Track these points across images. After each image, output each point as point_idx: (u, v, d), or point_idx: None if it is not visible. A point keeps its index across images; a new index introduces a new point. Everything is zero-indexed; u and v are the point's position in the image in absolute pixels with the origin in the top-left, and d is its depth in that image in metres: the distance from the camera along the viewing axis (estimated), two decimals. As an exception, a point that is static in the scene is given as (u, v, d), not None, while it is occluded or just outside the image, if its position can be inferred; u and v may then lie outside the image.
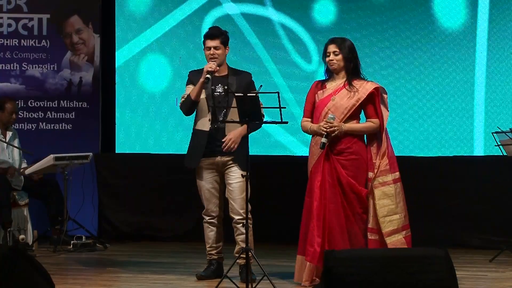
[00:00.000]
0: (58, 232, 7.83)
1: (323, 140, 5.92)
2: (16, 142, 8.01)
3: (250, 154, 6.00)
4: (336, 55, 6.03)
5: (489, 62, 8.24)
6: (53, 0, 8.67)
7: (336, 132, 5.93)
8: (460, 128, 8.28)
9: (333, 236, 5.93)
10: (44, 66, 8.63)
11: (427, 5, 8.30)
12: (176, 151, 8.45)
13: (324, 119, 5.96)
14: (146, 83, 8.63)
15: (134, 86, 8.65)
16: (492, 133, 7.38)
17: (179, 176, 8.22)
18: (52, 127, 8.62)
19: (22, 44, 8.63)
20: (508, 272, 6.84)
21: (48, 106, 8.62)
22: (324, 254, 3.76)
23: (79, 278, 6.55)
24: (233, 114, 6.08)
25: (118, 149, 8.69)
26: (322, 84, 6.14)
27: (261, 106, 6.00)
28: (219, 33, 6.30)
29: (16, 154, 7.99)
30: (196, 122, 6.36)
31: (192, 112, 6.35)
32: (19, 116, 8.41)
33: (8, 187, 7.70)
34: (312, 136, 6.10)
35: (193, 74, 6.43)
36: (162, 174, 8.52)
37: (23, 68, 8.64)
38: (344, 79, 6.06)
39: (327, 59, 6.06)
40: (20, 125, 8.51)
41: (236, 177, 6.22)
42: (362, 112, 6.13)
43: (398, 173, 6.02)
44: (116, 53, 8.66)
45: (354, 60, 6.06)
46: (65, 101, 8.63)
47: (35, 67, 8.63)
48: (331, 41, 6.10)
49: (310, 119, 6.14)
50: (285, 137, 8.42)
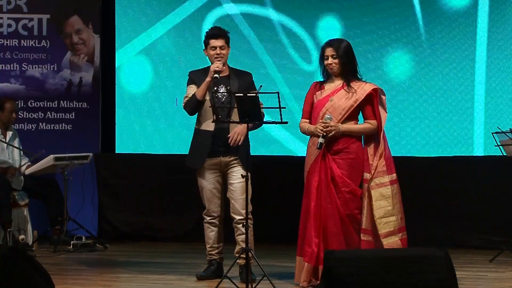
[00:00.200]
0: (58, 232, 7.83)
1: (320, 140, 5.92)
2: (16, 142, 8.01)
3: (250, 154, 6.00)
4: (334, 58, 6.02)
5: (489, 61, 8.24)
6: (53, 0, 8.66)
7: (333, 133, 5.92)
8: (460, 128, 8.28)
9: (329, 237, 5.92)
10: (44, 67, 8.62)
11: (427, 1, 8.30)
12: (176, 151, 8.44)
13: (321, 120, 5.97)
14: (146, 83, 8.63)
15: (134, 86, 8.65)
16: (492, 133, 7.37)
17: (179, 176, 8.23)
18: (52, 127, 8.61)
19: (22, 45, 8.63)
20: (508, 272, 6.83)
21: (48, 106, 8.62)
22: (324, 254, 3.76)
23: (79, 278, 6.55)
24: (236, 114, 6.06)
25: (118, 149, 8.69)
26: (320, 85, 6.13)
27: (261, 106, 6.01)
28: (224, 32, 6.30)
29: (16, 154, 7.99)
30: (199, 122, 6.34)
31: (196, 112, 6.34)
32: (19, 116, 8.42)
33: (8, 187, 7.70)
34: (310, 137, 6.11)
35: (194, 74, 6.42)
36: (162, 174, 8.52)
37: (23, 68, 8.63)
38: (343, 80, 6.05)
39: (325, 63, 6.05)
40: (20, 125, 8.51)
41: (238, 177, 6.20)
42: (361, 113, 6.13)
43: (395, 174, 6.01)
44: (116, 53, 8.66)
45: (351, 61, 6.05)
46: (65, 101, 8.62)
47: (35, 67, 8.62)
48: (328, 44, 6.08)
49: (308, 120, 6.13)
50: (285, 136, 8.42)
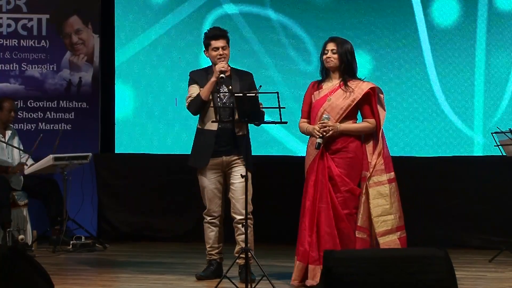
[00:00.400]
0: (57, 232, 7.83)
1: (318, 140, 5.92)
2: (15, 142, 8.01)
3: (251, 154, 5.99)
4: (334, 53, 6.01)
5: (488, 61, 8.24)
6: (52, 1, 8.66)
7: (330, 132, 5.92)
8: (460, 128, 8.28)
9: (321, 237, 5.91)
10: (44, 66, 8.62)
11: (426, 5, 8.30)
12: (175, 151, 8.45)
13: (320, 120, 5.96)
14: (146, 83, 8.63)
15: (133, 86, 8.65)
16: (491, 133, 7.37)
17: (178, 176, 8.23)
18: (51, 127, 8.61)
19: (22, 44, 8.63)
20: (508, 272, 6.83)
21: (48, 106, 8.62)
22: (324, 254, 3.75)
23: (78, 278, 6.54)
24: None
25: (118, 149, 8.69)
26: (318, 85, 6.13)
27: (261, 106, 6.01)
28: (224, 32, 6.30)
29: (16, 154, 7.99)
30: (203, 122, 6.32)
31: (200, 112, 6.32)
32: (19, 116, 8.42)
33: (7, 187, 7.70)
34: (309, 137, 6.10)
35: (195, 74, 6.41)
36: (162, 174, 8.52)
37: (22, 68, 8.63)
38: (340, 79, 6.05)
39: (324, 57, 6.04)
40: (20, 125, 8.50)
41: (239, 177, 6.16)
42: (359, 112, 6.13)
43: (393, 173, 6.01)
44: (116, 53, 8.65)
45: (351, 62, 6.03)
46: (64, 101, 8.62)
47: (35, 67, 8.62)
48: (331, 39, 6.08)
49: (307, 120, 6.13)
50: (285, 136, 8.42)
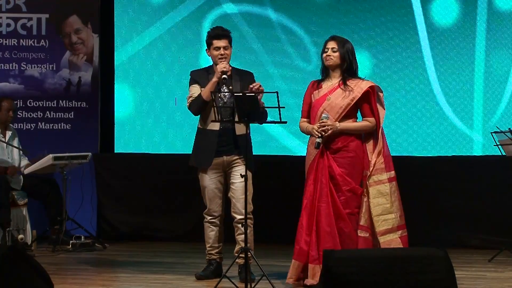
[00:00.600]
0: (57, 232, 7.82)
1: (318, 140, 5.91)
2: (15, 142, 8.00)
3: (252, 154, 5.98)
4: (334, 51, 6.00)
5: (488, 61, 8.24)
6: (52, 0, 8.66)
7: (329, 131, 5.91)
8: (459, 128, 8.28)
9: (322, 236, 5.90)
10: (43, 66, 8.62)
11: (425, 5, 8.30)
12: (175, 151, 8.45)
13: (319, 119, 5.96)
14: (145, 83, 8.63)
15: (133, 86, 8.65)
16: (491, 133, 7.37)
17: (178, 176, 8.22)
18: (51, 127, 8.61)
19: (21, 44, 8.62)
20: (507, 272, 6.83)
21: (47, 106, 8.62)
22: (324, 254, 3.76)
23: (78, 278, 6.54)
24: None
25: (117, 149, 8.69)
26: (318, 84, 6.12)
27: (263, 106, 6.00)
28: (227, 32, 6.29)
29: (16, 154, 7.99)
30: (204, 121, 6.31)
31: (201, 112, 6.30)
32: (18, 115, 8.41)
33: (7, 187, 7.69)
34: (309, 136, 6.10)
35: (195, 74, 6.40)
36: (161, 174, 8.51)
37: (22, 68, 8.63)
38: (339, 78, 6.05)
39: (324, 55, 6.03)
40: (19, 125, 8.50)
41: (239, 177, 6.16)
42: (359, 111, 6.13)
43: (393, 172, 6.00)
44: (115, 53, 8.65)
45: (351, 62, 6.02)
46: (64, 101, 8.62)
47: (34, 67, 8.62)
48: (332, 38, 6.07)
49: (307, 120, 6.13)
50: (285, 136, 8.42)
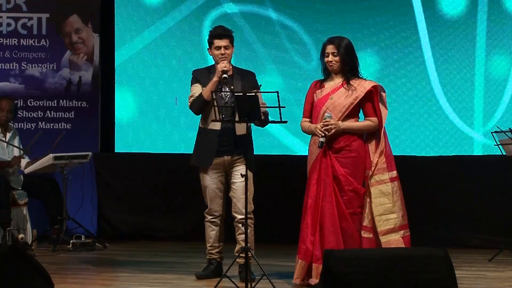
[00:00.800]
0: (57, 231, 7.82)
1: (321, 139, 5.91)
2: (16, 141, 8.00)
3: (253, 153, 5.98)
4: (334, 55, 6.02)
5: (488, 61, 8.24)
6: (52, 0, 8.66)
7: (333, 131, 5.92)
8: (460, 128, 8.28)
9: (326, 235, 5.91)
10: (44, 66, 8.62)
11: (426, 4, 8.30)
12: (175, 151, 8.45)
13: (322, 119, 5.96)
14: (146, 82, 8.63)
15: (133, 85, 8.65)
16: (491, 132, 7.37)
17: (179, 176, 8.22)
18: (51, 127, 8.61)
19: (22, 44, 8.62)
20: (508, 271, 6.83)
21: (48, 105, 8.62)
22: (324, 253, 3.76)
23: (78, 277, 6.54)
24: None
25: (118, 148, 8.69)
26: (320, 84, 6.13)
27: (264, 105, 6.00)
28: (228, 32, 6.28)
29: (16, 153, 7.99)
30: (205, 121, 6.31)
31: (202, 112, 6.30)
32: (19, 115, 8.41)
33: (7, 186, 7.69)
34: (311, 136, 6.10)
35: (197, 73, 6.39)
36: (162, 173, 8.51)
37: (22, 67, 8.63)
38: (342, 78, 6.05)
39: (326, 60, 6.04)
40: (20, 124, 8.50)
41: (240, 176, 6.17)
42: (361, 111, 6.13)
43: (395, 171, 6.01)
44: (116, 52, 8.65)
45: (352, 59, 6.04)
46: (64, 100, 8.62)
47: (35, 66, 8.62)
48: (329, 41, 6.07)
49: (309, 119, 6.13)
50: (285, 136, 8.42)
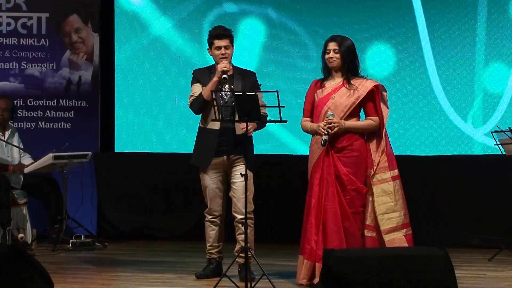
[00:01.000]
0: (57, 231, 7.82)
1: (324, 137, 5.91)
2: (15, 140, 8.00)
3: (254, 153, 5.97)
4: (336, 52, 6.01)
5: (488, 60, 8.24)
6: (52, -1, 8.67)
7: (336, 129, 5.91)
8: (459, 127, 8.28)
9: (328, 235, 5.90)
10: (43, 65, 8.62)
11: (426, 4, 8.30)
12: (175, 150, 8.45)
13: (325, 117, 5.95)
14: (146, 82, 8.62)
15: (133, 85, 8.64)
16: (491, 132, 7.37)
17: (178, 175, 8.22)
18: (51, 126, 8.61)
19: (21, 43, 8.62)
20: (507, 271, 6.83)
21: (47, 105, 8.62)
22: (323, 253, 3.75)
23: (78, 277, 6.54)
24: None
25: (117, 148, 8.68)
26: (321, 83, 6.12)
27: (265, 105, 5.99)
28: (228, 32, 6.28)
29: (16, 152, 7.99)
30: (205, 121, 6.31)
31: (202, 111, 6.30)
32: (18, 115, 8.41)
33: (7, 186, 7.69)
34: (312, 135, 6.10)
35: (198, 73, 6.39)
36: (162, 173, 8.51)
37: (22, 67, 8.63)
38: (343, 77, 6.05)
39: (326, 56, 6.04)
40: (19, 124, 8.50)
41: (240, 176, 6.16)
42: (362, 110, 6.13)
43: (397, 170, 6.01)
44: (115, 52, 8.65)
45: (353, 59, 6.04)
46: (64, 100, 8.62)
47: (34, 66, 8.62)
48: (332, 38, 6.08)
49: (309, 119, 6.13)
50: (285, 135, 8.42)
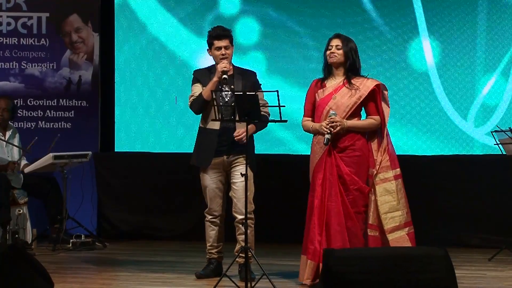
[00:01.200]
0: (57, 230, 7.82)
1: (327, 136, 5.90)
2: (16, 140, 8.00)
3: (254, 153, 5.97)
4: (338, 49, 6.00)
5: (488, 60, 8.24)
6: (52, -1, 8.67)
7: (338, 128, 5.91)
8: (459, 127, 8.28)
9: (332, 235, 5.91)
10: (43, 65, 8.62)
11: (426, 4, 8.30)
12: (175, 150, 8.45)
13: (327, 117, 5.95)
14: (146, 81, 8.62)
15: (133, 85, 8.64)
16: (491, 132, 7.37)
17: (178, 175, 8.22)
18: (51, 126, 8.61)
19: (22, 43, 8.62)
20: (507, 271, 6.83)
21: (47, 105, 8.62)
22: (324, 253, 3.75)
23: (78, 276, 6.54)
24: None
25: (118, 148, 8.68)
26: (321, 83, 6.12)
27: (266, 105, 5.99)
28: (227, 32, 6.28)
29: (16, 152, 7.99)
30: (205, 121, 6.31)
31: (202, 111, 6.30)
32: (18, 114, 8.41)
33: (7, 185, 7.69)
34: (313, 135, 6.09)
35: (198, 73, 6.39)
36: (162, 173, 8.51)
37: (22, 66, 8.63)
38: (343, 77, 6.04)
39: (328, 52, 6.03)
40: (19, 123, 8.50)
41: (240, 176, 6.15)
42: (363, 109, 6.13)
43: (399, 169, 6.02)
44: (116, 52, 8.65)
45: (354, 60, 6.02)
46: (64, 100, 8.62)
47: (34, 65, 8.62)
48: (336, 35, 6.07)
49: (310, 119, 6.12)
50: (285, 135, 8.42)
